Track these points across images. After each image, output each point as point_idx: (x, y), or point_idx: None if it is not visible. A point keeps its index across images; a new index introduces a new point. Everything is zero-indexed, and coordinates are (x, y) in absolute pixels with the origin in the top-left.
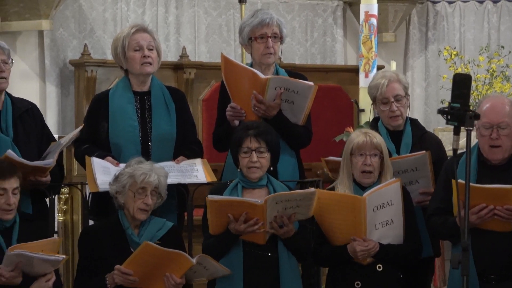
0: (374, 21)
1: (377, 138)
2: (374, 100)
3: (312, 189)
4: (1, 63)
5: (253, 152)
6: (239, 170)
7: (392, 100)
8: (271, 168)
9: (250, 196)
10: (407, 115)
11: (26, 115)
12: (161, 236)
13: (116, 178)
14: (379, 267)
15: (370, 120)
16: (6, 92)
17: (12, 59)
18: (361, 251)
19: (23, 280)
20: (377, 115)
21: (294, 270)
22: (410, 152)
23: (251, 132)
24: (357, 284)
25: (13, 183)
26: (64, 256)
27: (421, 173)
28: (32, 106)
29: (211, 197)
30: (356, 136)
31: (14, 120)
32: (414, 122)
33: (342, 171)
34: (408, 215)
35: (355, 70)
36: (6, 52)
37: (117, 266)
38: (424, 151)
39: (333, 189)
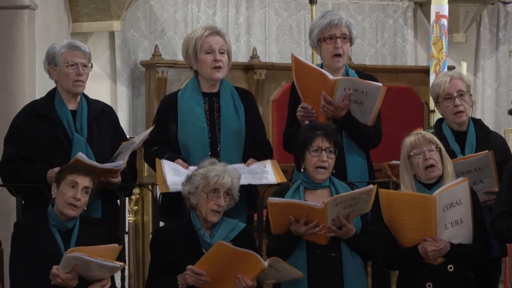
0: (444, 21)
1: (428, 134)
2: (437, 98)
3: (370, 186)
4: (81, 66)
5: (323, 152)
6: (302, 171)
7: (455, 95)
8: (333, 171)
9: (312, 197)
10: (470, 114)
11: (101, 116)
12: (234, 237)
13: (189, 178)
14: (450, 268)
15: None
16: (83, 94)
17: (92, 63)
18: (432, 251)
19: (79, 283)
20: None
21: (359, 270)
22: (475, 152)
23: (320, 132)
24: (429, 286)
25: (86, 182)
26: (121, 264)
27: (485, 172)
28: (108, 108)
29: (271, 199)
30: (408, 139)
31: (89, 121)
32: (477, 122)
33: (402, 176)
34: (476, 215)
35: (425, 71)
36: (87, 56)
37: (189, 266)
38: (487, 151)
39: None
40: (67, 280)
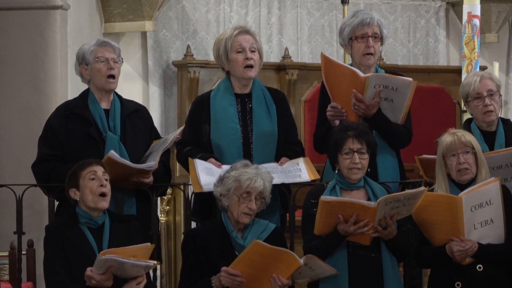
0: (477, 21)
1: (466, 136)
2: (467, 98)
3: (422, 187)
4: (111, 61)
5: (355, 154)
6: (336, 171)
7: (485, 94)
8: (369, 170)
9: (348, 197)
10: (500, 114)
11: (135, 115)
12: (265, 238)
13: (221, 180)
14: (479, 268)
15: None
16: (116, 93)
17: (122, 58)
18: (458, 251)
19: (114, 281)
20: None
21: (396, 271)
22: None
23: (351, 133)
24: (458, 285)
25: (101, 169)
26: (155, 262)
27: None
28: (142, 108)
29: (324, 197)
30: (445, 138)
31: (122, 120)
32: (506, 123)
33: (437, 173)
34: (509, 214)
35: (457, 71)
36: (116, 51)
37: (224, 268)
38: None
39: (432, 191)
40: (101, 281)
